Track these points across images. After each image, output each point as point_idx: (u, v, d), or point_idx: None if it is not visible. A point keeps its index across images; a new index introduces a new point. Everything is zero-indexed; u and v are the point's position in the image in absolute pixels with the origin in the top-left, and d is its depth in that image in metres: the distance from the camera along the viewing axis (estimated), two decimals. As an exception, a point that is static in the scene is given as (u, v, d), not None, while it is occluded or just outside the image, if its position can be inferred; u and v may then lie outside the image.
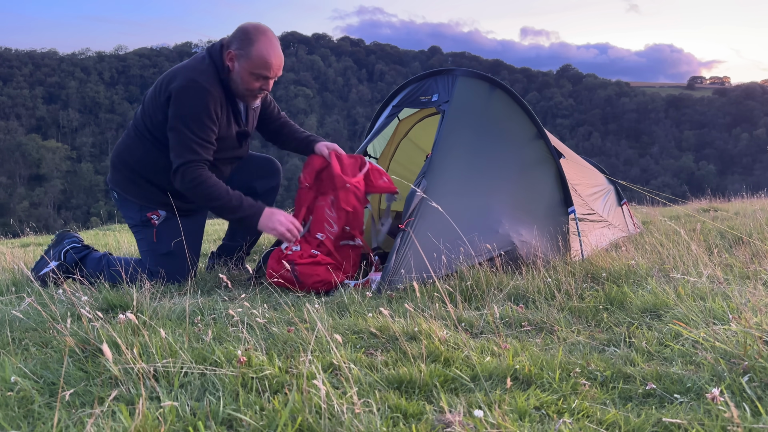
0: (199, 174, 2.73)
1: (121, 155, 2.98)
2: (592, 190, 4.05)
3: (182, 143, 2.72)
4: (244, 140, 3.04)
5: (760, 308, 1.78)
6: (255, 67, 2.77)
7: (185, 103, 2.71)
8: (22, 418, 1.37)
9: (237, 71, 2.79)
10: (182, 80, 2.73)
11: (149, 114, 2.85)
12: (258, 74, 2.79)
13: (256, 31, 2.78)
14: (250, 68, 2.77)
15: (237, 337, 1.86)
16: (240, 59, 2.77)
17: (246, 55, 2.75)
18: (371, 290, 2.56)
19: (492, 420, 1.27)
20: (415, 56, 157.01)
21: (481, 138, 3.15)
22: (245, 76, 2.78)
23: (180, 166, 2.72)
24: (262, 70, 2.78)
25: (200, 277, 3.00)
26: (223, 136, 2.86)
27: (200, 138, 2.73)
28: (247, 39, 2.76)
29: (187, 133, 2.71)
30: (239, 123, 2.95)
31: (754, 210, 5.90)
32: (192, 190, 2.75)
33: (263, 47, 2.76)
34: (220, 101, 2.78)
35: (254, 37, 2.76)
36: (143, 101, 2.95)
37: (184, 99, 2.71)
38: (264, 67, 2.78)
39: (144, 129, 2.88)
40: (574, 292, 2.33)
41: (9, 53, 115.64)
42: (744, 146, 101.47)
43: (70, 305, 2.26)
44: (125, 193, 2.97)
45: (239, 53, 2.76)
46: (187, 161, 2.71)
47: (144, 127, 2.88)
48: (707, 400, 1.33)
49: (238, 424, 1.30)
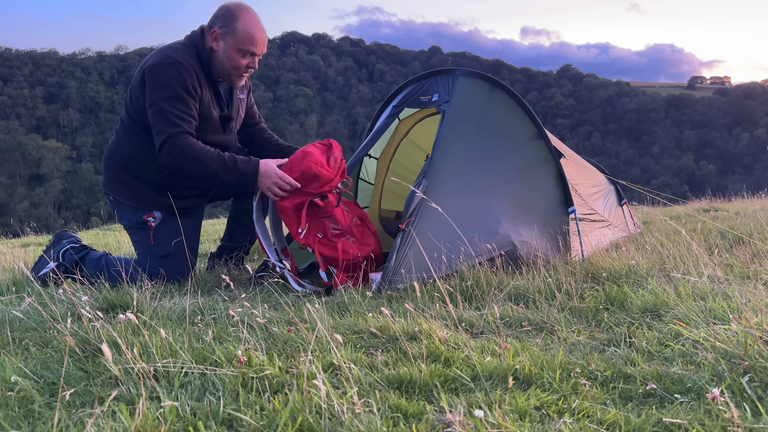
0: (184, 143, 2.66)
1: (112, 155, 2.95)
2: (592, 190, 4.05)
3: (162, 118, 2.65)
4: (227, 125, 2.96)
5: (760, 308, 1.78)
6: (242, 42, 2.76)
7: (160, 77, 2.67)
8: (23, 418, 1.37)
9: (222, 49, 2.77)
10: (155, 57, 2.73)
11: (133, 103, 2.82)
12: (245, 50, 2.78)
13: (238, 9, 2.78)
14: (237, 45, 2.76)
15: (237, 337, 1.86)
16: (225, 37, 2.76)
17: (231, 32, 2.74)
18: (371, 290, 2.56)
19: (492, 420, 1.27)
20: (415, 56, 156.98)
21: (482, 138, 3.15)
22: (232, 53, 2.77)
23: (164, 142, 2.65)
24: (249, 45, 2.77)
25: (200, 277, 3.00)
26: (206, 116, 2.81)
27: (179, 110, 2.67)
28: (230, 16, 2.76)
29: (165, 106, 2.65)
30: (221, 107, 2.90)
31: (754, 210, 5.90)
32: (181, 161, 2.68)
33: (248, 22, 2.76)
34: (197, 76, 2.74)
35: (238, 14, 2.76)
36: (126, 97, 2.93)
37: (159, 73, 2.68)
38: (251, 42, 2.77)
39: (130, 122, 2.85)
40: (574, 292, 2.33)
41: (9, 53, 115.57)
42: (744, 146, 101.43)
43: (71, 305, 2.26)
44: (119, 197, 2.93)
45: (224, 31, 2.75)
46: (169, 134, 2.65)
47: (130, 120, 2.85)
48: (708, 400, 1.33)
49: (239, 424, 1.30)
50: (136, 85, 2.78)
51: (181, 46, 2.78)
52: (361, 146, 3.51)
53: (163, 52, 2.76)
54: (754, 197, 8.59)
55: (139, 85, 2.76)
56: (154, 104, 2.68)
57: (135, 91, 2.80)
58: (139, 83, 2.75)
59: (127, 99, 2.88)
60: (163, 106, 2.66)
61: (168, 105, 2.66)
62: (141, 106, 2.77)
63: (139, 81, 2.76)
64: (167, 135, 2.65)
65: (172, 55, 2.71)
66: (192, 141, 2.68)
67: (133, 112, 2.83)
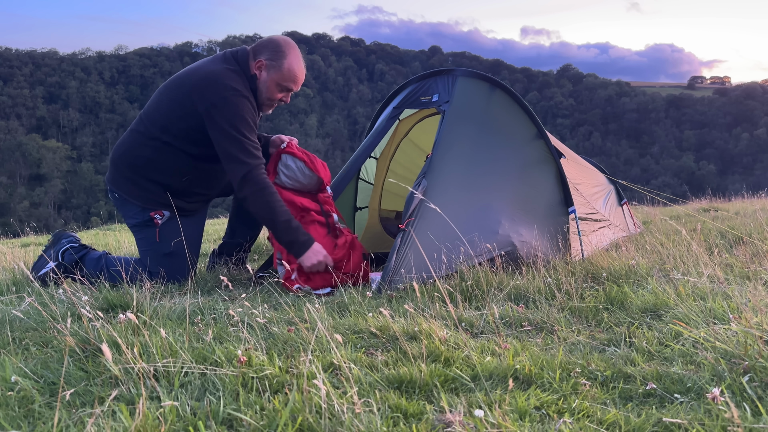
0: (266, 180, 2.75)
1: (125, 155, 2.93)
2: (593, 190, 4.05)
3: (244, 150, 2.71)
4: None
5: (760, 308, 1.78)
6: (284, 79, 2.85)
7: (236, 112, 2.72)
8: (23, 418, 1.37)
9: (264, 80, 2.84)
10: (224, 89, 2.72)
11: (170, 118, 2.82)
12: (284, 86, 2.88)
13: (287, 45, 2.87)
14: (279, 79, 2.84)
15: (237, 336, 1.86)
16: (270, 69, 2.83)
17: (277, 66, 2.83)
18: (371, 290, 2.56)
19: (492, 420, 1.27)
20: (415, 56, 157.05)
21: (482, 138, 3.15)
22: (272, 86, 2.85)
23: (249, 172, 2.71)
24: (290, 83, 2.88)
25: (200, 277, 3.00)
26: None
27: (255, 143, 2.77)
28: (279, 51, 2.84)
29: (243, 139, 2.72)
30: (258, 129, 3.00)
31: (754, 210, 5.91)
32: (257, 198, 2.73)
33: (294, 61, 2.86)
34: (255, 108, 2.84)
35: (286, 51, 2.85)
36: (155, 101, 2.91)
37: (235, 108, 2.72)
38: (292, 80, 2.88)
39: (159, 130, 2.84)
40: (574, 291, 2.33)
41: (9, 53, 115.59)
42: (744, 146, 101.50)
43: (71, 305, 2.26)
44: (126, 195, 2.94)
45: (270, 63, 2.83)
46: (253, 166, 2.72)
47: (160, 128, 2.84)
48: (708, 400, 1.33)
49: (239, 424, 1.30)
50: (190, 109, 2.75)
51: (236, 75, 2.79)
52: (361, 148, 3.50)
53: (226, 81, 2.73)
54: (754, 197, 8.60)
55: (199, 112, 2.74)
56: (230, 136, 2.71)
57: (178, 108, 2.79)
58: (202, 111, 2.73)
59: (161, 111, 2.86)
60: (240, 138, 2.72)
61: (245, 138, 2.73)
62: (187, 126, 2.78)
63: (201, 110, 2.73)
64: (250, 167, 2.72)
65: (238, 88, 2.74)
66: (270, 182, 2.78)
67: (169, 126, 2.82)
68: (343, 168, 3.52)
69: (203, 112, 2.73)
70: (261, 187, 2.73)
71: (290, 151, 3.00)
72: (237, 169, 2.73)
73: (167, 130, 2.83)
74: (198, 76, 2.80)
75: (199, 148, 2.84)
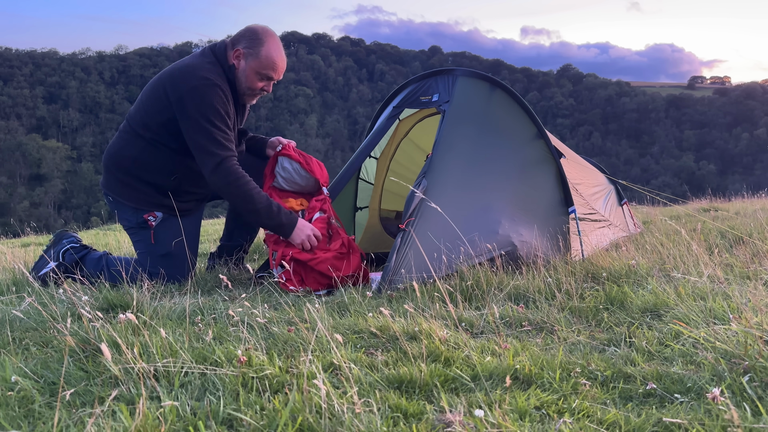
0: (239, 172, 2.72)
1: (114, 157, 2.94)
2: (593, 190, 4.05)
3: (213, 141, 2.68)
4: (241, 138, 3.06)
5: (760, 308, 1.78)
6: (262, 67, 2.81)
7: (205, 101, 2.68)
8: (23, 418, 1.37)
9: (242, 69, 2.81)
10: (194, 79, 2.70)
11: (149, 113, 2.83)
12: (264, 74, 2.84)
13: (264, 33, 2.83)
14: (257, 68, 2.81)
15: (237, 336, 1.86)
16: (248, 58, 2.80)
17: (255, 54, 2.79)
18: (371, 290, 2.56)
19: (492, 420, 1.27)
20: (415, 56, 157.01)
21: (482, 138, 3.15)
22: (251, 75, 2.81)
23: (219, 164, 2.69)
24: (269, 70, 2.83)
25: (200, 277, 3.00)
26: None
27: (226, 134, 2.73)
28: (256, 39, 2.80)
29: (214, 130, 2.69)
30: (240, 121, 2.98)
31: (754, 210, 5.91)
32: (230, 187, 2.71)
33: (272, 48, 2.82)
34: (229, 99, 2.79)
35: (263, 38, 2.81)
36: (138, 100, 2.93)
37: (203, 97, 2.68)
38: (271, 67, 2.83)
39: (141, 128, 2.85)
40: (574, 291, 2.33)
41: (9, 53, 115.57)
42: (744, 146, 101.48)
43: (71, 305, 2.26)
44: (120, 197, 2.94)
45: (248, 52, 2.80)
46: (224, 157, 2.69)
47: (142, 125, 2.85)
48: (708, 400, 1.33)
49: (239, 424, 1.30)
50: (165, 103, 2.75)
51: (211, 66, 2.77)
52: (361, 148, 3.50)
53: (200, 73, 2.72)
54: (754, 197, 8.60)
55: (172, 103, 2.73)
56: (201, 127, 2.68)
57: (160, 107, 2.78)
58: (174, 102, 2.72)
59: (141, 108, 2.87)
60: (211, 129, 2.68)
61: (216, 129, 2.69)
62: (164, 119, 2.77)
63: (173, 101, 2.72)
64: (221, 158, 2.69)
65: (209, 77, 2.71)
66: (243, 172, 2.74)
67: (149, 121, 2.82)
68: (343, 168, 3.52)
69: (174, 102, 2.72)
70: (234, 177, 2.69)
71: (286, 153, 3.00)
72: (207, 161, 2.70)
73: (148, 127, 2.83)
74: (172, 69, 2.83)
75: (178, 142, 2.81)
